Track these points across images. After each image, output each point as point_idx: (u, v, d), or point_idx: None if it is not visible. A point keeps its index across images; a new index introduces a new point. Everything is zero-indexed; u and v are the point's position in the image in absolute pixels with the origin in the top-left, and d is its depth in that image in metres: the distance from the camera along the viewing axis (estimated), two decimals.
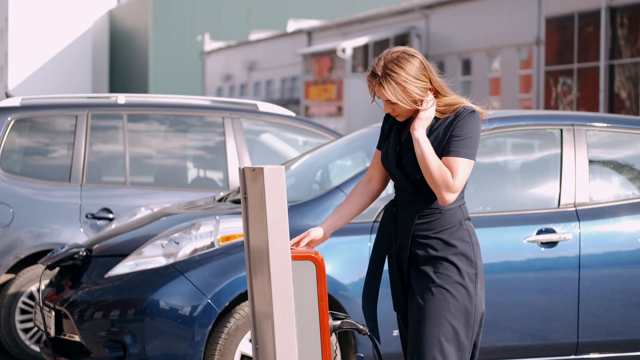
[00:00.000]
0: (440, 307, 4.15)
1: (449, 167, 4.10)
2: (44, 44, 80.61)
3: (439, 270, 4.17)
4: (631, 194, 6.62)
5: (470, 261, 4.18)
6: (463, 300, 4.16)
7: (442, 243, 4.18)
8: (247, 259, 4.25)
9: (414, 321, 4.21)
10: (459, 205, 4.21)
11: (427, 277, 4.18)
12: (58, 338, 6.42)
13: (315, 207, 6.17)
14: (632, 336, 6.37)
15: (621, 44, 27.42)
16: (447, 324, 4.15)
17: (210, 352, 5.94)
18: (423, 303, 4.17)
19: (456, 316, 4.15)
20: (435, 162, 4.09)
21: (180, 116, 8.38)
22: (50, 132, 8.10)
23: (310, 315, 4.04)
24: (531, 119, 6.73)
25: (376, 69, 4.16)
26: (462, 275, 4.16)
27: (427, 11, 36.39)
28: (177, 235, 6.15)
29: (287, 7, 71.15)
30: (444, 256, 4.17)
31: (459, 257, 4.17)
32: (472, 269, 4.18)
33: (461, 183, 4.10)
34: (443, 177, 4.08)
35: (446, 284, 4.16)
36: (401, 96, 4.13)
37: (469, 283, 4.17)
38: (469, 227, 4.23)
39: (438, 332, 4.15)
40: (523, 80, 32.13)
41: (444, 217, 4.18)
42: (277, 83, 50.34)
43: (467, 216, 4.24)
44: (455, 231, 4.19)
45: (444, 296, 4.15)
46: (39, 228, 7.75)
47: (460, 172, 4.10)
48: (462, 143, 4.12)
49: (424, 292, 4.18)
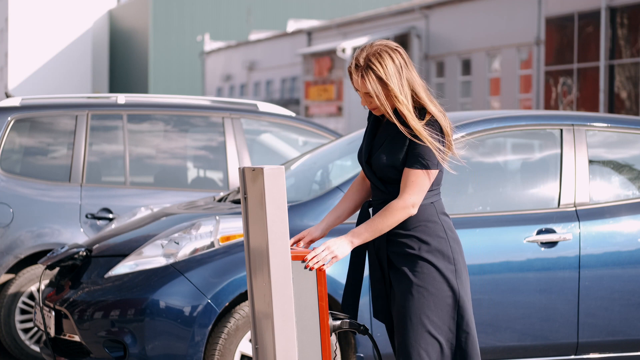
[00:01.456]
0: (421, 306, 4.17)
1: (405, 180, 4.16)
2: (44, 44, 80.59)
3: (416, 269, 4.19)
4: (631, 194, 6.62)
5: (447, 257, 4.20)
6: (443, 297, 4.18)
7: (417, 240, 4.20)
8: (247, 259, 4.25)
9: (397, 323, 4.23)
10: (430, 202, 4.23)
11: (406, 278, 4.21)
12: (58, 338, 6.42)
13: (315, 207, 6.17)
14: (632, 336, 6.37)
15: (621, 44, 27.42)
16: (428, 322, 4.16)
17: (210, 352, 5.94)
18: (404, 304, 4.19)
19: (437, 313, 4.17)
20: (387, 223, 4.16)
21: (180, 116, 8.38)
22: (50, 132, 8.10)
23: (310, 315, 4.04)
24: (531, 119, 6.73)
25: (359, 60, 4.17)
26: (441, 271, 4.18)
27: (427, 11, 36.38)
28: (177, 235, 6.15)
29: (287, 7, 71.14)
30: (419, 254, 4.19)
31: (435, 254, 4.19)
32: (451, 265, 4.20)
33: (416, 197, 4.14)
34: (394, 213, 4.14)
35: (424, 283, 4.17)
36: (379, 90, 4.14)
37: (450, 278, 4.19)
38: (444, 222, 4.24)
39: (420, 332, 4.16)
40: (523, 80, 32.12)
41: (415, 214, 4.20)
42: (277, 83, 50.34)
43: (441, 211, 4.26)
44: (429, 227, 4.21)
45: (422, 295, 4.17)
46: (39, 228, 7.75)
47: (415, 187, 4.14)
48: (419, 154, 4.15)
49: (404, 292, 4.20)
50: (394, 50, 4.17)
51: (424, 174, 4.15)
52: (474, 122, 6.43)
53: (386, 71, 4.13)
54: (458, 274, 4.22)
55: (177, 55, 71.16)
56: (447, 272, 4.19)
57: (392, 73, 4.14)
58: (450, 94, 34.30)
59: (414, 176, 4.15)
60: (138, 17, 74.94)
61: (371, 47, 4.18)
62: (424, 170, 4.15)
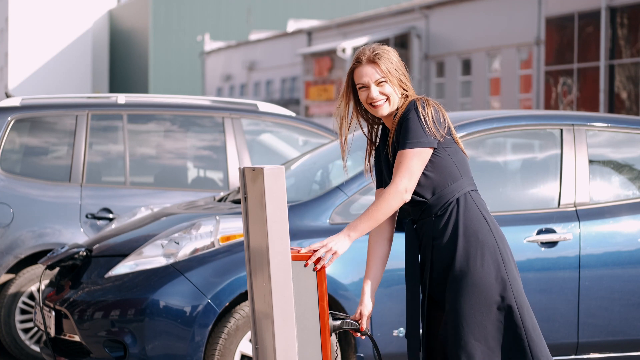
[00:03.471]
0: (466, 302, 4.12)
1: (397, 164, 4.10)
2: (44, 44, 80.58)
3: (457, 267, 4.15)
4: (631, 194, 6.62)
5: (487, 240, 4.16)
6: (486, 285, 4.13)
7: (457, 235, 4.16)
8: (247, 259, 4.25)
9: (449, 323, 4.17)
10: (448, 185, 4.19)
11: (448, 279, 4.16)
12: (58, 338, 6.42)
13: (315, 207, 6.16)
14: (632, 336, 6.37)
15: (621, 44, 27.42)
16: (474, 316, 4.12)
17: (210, 352, 5.94)
18: (453, 302, 4.14)
19: (481, 306, 4.12)
20: (382, 212, 4.10)
21: (180, 116, 8.38)
22: (50, 132, 8.10)
23: (310, 315, 4.04)
24: (531, 119, 6.73)
25: (364, 53, 4.20)
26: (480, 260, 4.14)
27: (427, 11, 36.38)
28: (177, 235, 6.15)
29: (287, 7, 71.13)
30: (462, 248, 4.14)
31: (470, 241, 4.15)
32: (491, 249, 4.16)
33: (405, 179, 4.08)
34: (392, 203, 4.09)
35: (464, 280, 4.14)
36: (395, 72, 4.16)
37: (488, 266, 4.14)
38: (472, 201, 4.20)
39: (467, 331, 4.13)
40: (523, 80, 32.12)
41: (454, 209, 4.16)
42: (277, 83, 50.34)
43: (467, 190, 4.20)
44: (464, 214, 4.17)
45: (468, 290, 4.13)
46: (39, 228, 7.75)
47: (402, 168, 4.09)
48: (404, 135, 4.12)
49: (450, 293, 4.16)
50: (390, 50, 4.25)
51: (411, 155, 4.10)
52: (474, 122, 6.43)
53: (392, 58, 4.19)
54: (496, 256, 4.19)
55: (177, 55, 71.15)
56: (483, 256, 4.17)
57: (397, 60, 4.20)
58: (450, 94, 34.30)
59: (400, 157, 4.11)
60: (138, 17, 74.93)
61: (370, 46, 4.23)
62: (410, 149, 4.10)
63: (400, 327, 6.05)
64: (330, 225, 6.11)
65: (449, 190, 4.16)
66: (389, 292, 5.93)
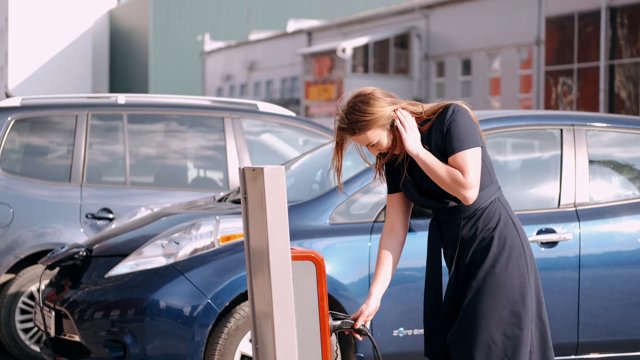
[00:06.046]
0: (487, 303, 4.12)
1: (456, 167, 4.07)
2: (44, 44, 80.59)
3: (483, 268, 4.15)
4: (631, 194, 6.62)
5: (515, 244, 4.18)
6: (513, 287, 4.14)
7: (492, 240, 4.16)
8: (247, 259, 4.25)
9: (466, 321, 4.16)
10: (490, 195, 4.17)
11: (474, 277, 4.16)
12: (58, 338, 6.42)
13: (315, 207, 6.16)
14: (632, 336, 6.37)
15: (621, 44, 27.43)
16: (498, 317, 4.12)
17: (210, 352, 5.94)
18: (473, 301, 4.14)
19: (507, 307, 4.12)
20: (441, 168, 4.06)
21: (180, 116, 8.38)
22: (50, 132, 8.10)
23: (310, 315, 4.04)
24: (531, 119, 6.73)
25: (342, 124, 4.14)
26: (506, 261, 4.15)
27: (427, 11, 36.39)
28: (177, 235, 6.15)
29: (287, 7, 71.14)
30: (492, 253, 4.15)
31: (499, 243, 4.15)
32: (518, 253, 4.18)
33: (474, 176, 4.06)
34: (454, 178, 4.05)
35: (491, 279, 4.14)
36: (378, 131, 4.11)
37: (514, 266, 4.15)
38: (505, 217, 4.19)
39: (485, 330, 4.13)
40: (523, 80, 32.14)
41: (484, 213, 4.15)
42: (277, 83, 50.35)
43: (497, 195, 4.20)
44: (497, 225, 4.16)
45: (494, 293, 4.13)
46: (39, 228, 7.75)
47: (470, 166, 4.06)
48: (458, 137, 4.09)
49: (474, 292, 4.15)
50: (365, 94, 4.14)
51: (472, 153, 4.07)
52: None
53: (365, 110, 4.11)
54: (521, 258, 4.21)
55: (177, 55, 71.17)
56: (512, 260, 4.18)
57: (376, 108, 4.11)
58: (450, 94, 34.29)
59: (462, 157, 4.07)
60: (138, 17, 74.95)
61: (343, 105, 4.15)
62: (472, 149, 4.07)
63: (400, 327, 6.05)
64: (330, 225, 6.12)
65: (481, 195, 4.16)
66: (389, 292, 5.93)
